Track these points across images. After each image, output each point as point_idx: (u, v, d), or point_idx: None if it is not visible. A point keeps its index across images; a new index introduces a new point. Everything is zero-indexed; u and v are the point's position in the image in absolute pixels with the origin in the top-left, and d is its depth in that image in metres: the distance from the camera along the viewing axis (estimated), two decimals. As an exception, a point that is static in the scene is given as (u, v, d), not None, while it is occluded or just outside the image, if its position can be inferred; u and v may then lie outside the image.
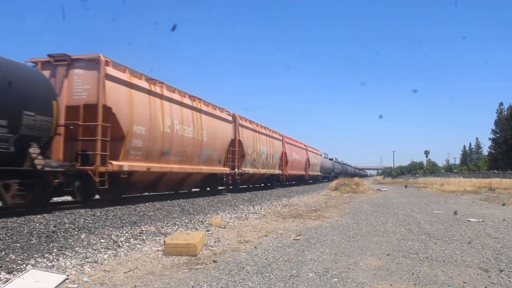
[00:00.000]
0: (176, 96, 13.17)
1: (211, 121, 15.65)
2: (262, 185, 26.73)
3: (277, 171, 26.33)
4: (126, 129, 10.38)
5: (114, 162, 9.96)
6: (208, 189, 17.32)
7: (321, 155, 46.97)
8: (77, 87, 9.83)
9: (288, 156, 29.09)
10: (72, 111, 9.68)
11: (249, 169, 20.53)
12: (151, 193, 13.75)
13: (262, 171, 22.94)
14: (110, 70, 10.01)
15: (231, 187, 19.93)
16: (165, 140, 12.21)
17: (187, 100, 13.89)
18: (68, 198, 11.52)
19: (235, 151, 18.57)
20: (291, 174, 30.25)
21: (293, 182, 34.82)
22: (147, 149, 11.33)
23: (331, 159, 60.74)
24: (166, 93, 12.52)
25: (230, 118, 18.10)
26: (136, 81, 11.09)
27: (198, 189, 17.08)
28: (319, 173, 44.22)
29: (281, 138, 27.79)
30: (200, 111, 14.75)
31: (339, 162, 71.41)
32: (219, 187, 18.61)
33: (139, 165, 11.03)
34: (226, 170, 17.51)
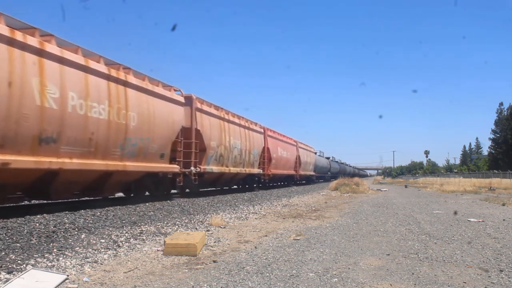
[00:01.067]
0: (76, 58, 8.84)
1: (146, 100, 11.23)
2: (239, 187, 22.28)
3: (256, 170, 21.54)
4: None
5: None
6: (150, 193, 13.02)
7: (315, 153, 43.06)
8: None
9: (272, 153, 24.63)
10: None
11: (213, 168, 15.91)
12: (33, 201, 10.27)
13: (234, 170, 18.22)
14: None
15: (187, 190, 15.47)
16: (46, 120, 8.02)
17: (99, 67, 9.47)
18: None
19: (190, 143, 13.97)
20: (276, 173, 25.77)
21: (280, 183, 30.58)
22: (2, 133, 7.29)
23: (328, 158, 56.52)
24: (54, 50, 8.25)
25: (181, 99, 13.40)
26: None
27: (134, 194, 12.38)
28: (312, 173, 39.49)
29: (262, 130, 23.10)
30: (125, 84, 10.29)
31: (337, 161, 67.30)
32: (172, 191, 14.95)
33: None
34: (174, 168, 12.92)
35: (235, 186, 22.00)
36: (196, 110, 14.64)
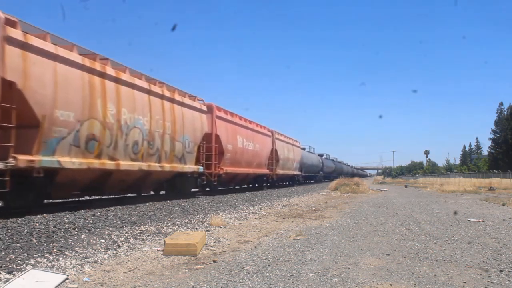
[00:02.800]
0: None
1: None
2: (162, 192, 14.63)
3: (189, 167, 14.27)
4: None
5: None
6: None
7: (303, 148, 36.92)
8: None
9: (226, 143, 17.36)
10: None
11: (69, 160, 8.85)
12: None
13: (133, 165, 11.00)
14: None
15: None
16: None
17: None
18: None
19: None
20: (234, 172, 18.56)
21: (245, 187, 23.37)
22: None
23: (321, 155, 50.10)
24: None
25: None
26: None
27: None
28: (297, 172, 32.14)
29: (205, 108, 15.77)
30: None
31: (332, 160, 61.04)
32: None
33: None
34: None
35: (162, 192, 14.73)
36: (8, 43, 7.54)
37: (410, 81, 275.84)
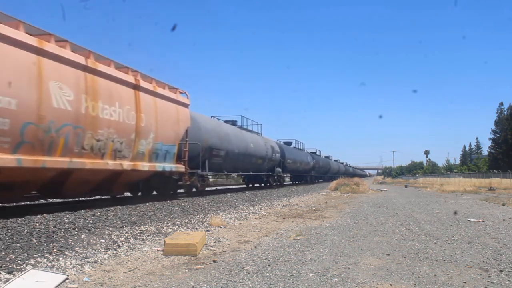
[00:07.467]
0: None
1: None
2: None
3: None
4: None
5: None
6: None
7: (235, 123, 21.42)
8: None
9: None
10: None
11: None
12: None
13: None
14: None
15: None
16: None
17: None
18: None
19: None
20: None
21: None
22: None
23: (289, 143, 33.27)
24: None
25: None
26: None
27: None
28: (168, 165, 11.98)
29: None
30: None
31: (312, 153, 41.66)
32: None
33: None
34: None
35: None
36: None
37: (410, 81, 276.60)
